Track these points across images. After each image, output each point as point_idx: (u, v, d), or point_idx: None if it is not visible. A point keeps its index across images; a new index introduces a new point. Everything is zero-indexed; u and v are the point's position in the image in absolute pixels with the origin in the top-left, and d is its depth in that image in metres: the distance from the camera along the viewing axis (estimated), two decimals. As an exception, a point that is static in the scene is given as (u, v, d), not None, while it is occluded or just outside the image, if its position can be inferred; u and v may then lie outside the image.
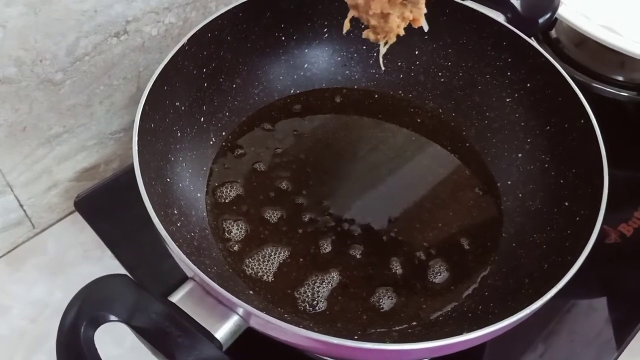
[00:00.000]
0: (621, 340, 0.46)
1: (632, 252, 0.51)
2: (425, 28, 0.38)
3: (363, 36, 0.38)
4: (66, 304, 0.30)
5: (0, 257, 0.50)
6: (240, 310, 0.31)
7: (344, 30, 0.38)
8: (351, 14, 0.37)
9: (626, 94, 0.58)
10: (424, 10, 0.37)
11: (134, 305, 0.30)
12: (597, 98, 0.56)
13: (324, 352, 0.39)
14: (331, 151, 0.50)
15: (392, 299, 0.41)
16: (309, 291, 0.41)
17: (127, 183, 0.51)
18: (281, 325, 0.30)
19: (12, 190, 0.47)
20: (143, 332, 0.29)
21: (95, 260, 0.50)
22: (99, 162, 0.53)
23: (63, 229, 0.52)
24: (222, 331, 0.31)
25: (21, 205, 0.49)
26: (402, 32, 0.37)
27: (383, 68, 0.40)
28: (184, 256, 0.32)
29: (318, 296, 0.41)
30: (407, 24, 0.37)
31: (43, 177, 0.49)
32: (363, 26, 0.38)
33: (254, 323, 0.32)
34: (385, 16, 0.36)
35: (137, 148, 0.36)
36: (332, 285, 0.41)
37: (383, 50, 0.39)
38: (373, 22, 0.36)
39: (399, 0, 0.35)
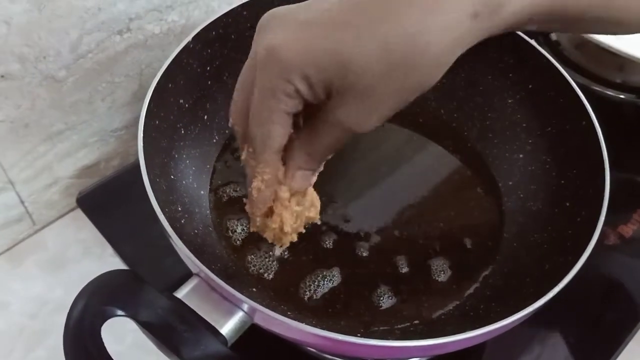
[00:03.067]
0: (619, 341, 0.46)
1: (630, 253, 0.52)
2: None
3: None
4: (66, 301, 0.30)
5: (0, 254, 0.50)
6: (245, 307, 0.31)
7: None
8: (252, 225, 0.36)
9: (625, 96, 0.59)
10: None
11: (140, 301, 0.30)
12: (596, 100, 0.56)
13: (327, 348, 0.39)
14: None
15: (394, 298, 0.41)
16: (312, 289, 0.41)
17: (130, 180, 0.51)
18: (286, 322, 0.30)
19: (13, 187, 0.47)
20: (149, 327, 0.29)
21: (95, 257, 0.50)
22: (99, 159, 0.53)
23: (63, 226, 0.52)
24: (227, 327, 0.31)
25: (22, 202, 0.49)
26: (295, 239, 0.36)
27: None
28: (189, 252, 0.32)
29: (320, 294, 0.41)
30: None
31: (44, 173, 0.49)
32: None
33: (258, 319, 0.32)
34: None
35: (142, 145, 0.36)
36: (334, 283, 0.41)
37: (278, 252, 0.40)
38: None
39: (287, 204, 0.33)
